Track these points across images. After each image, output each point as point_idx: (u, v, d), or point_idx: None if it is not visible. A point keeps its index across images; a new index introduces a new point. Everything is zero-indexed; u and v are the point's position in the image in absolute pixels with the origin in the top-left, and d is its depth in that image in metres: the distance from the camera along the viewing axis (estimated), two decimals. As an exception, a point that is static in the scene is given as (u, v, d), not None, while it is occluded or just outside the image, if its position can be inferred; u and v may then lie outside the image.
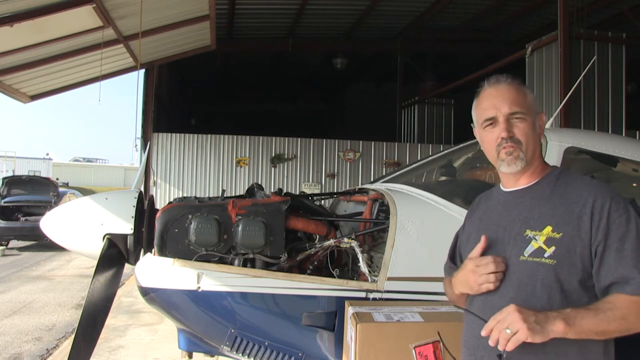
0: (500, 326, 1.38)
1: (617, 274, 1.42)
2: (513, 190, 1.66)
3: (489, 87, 1.66)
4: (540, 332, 1.36)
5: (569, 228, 1.48)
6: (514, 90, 1.62)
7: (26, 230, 12.42)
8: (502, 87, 1.63)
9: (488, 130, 1.64)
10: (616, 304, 1.39)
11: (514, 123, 1.59)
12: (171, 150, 11.08)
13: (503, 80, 1.65)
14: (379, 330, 2.13)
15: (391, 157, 11.85)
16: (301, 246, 2.84)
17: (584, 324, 1.37)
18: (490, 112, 1.62)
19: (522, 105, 1.60)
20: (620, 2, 9.10)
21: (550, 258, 1.48)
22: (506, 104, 1.60)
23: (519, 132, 1.59)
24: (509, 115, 1.59)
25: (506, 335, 1.37)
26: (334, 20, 11.48)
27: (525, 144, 1.59)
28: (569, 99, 4.73)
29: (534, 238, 1.52)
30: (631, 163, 2.87)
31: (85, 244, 2.87)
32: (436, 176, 3.99)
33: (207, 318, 2.68)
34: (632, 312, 1.38)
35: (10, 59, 7.15)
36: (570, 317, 1.37)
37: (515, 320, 1.36)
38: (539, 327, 1.35)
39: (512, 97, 1.60)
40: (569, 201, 1.52)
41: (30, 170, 32.50)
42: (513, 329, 1.36)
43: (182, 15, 8.15)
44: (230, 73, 15.62)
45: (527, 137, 1.59)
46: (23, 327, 6.28)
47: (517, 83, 1.65)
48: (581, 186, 1.54)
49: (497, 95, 1.62)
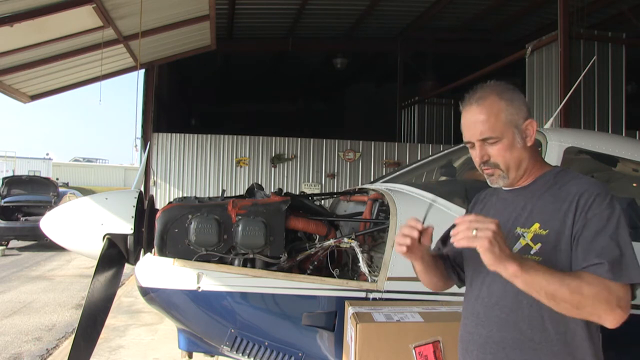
0: (473, 224, 1.34)
1: (583, 263, 1.40)
2: (511, 189, 1.67)
3: (463, 109, 1.62)
4: (495, 257, 1.32)
5: (555, 224, 1.49)
6: (485, 111, 1.55)
7: (26, 230, 12.42)
8: (472, 111, 1.58)
9: (471, 150, 1.63)
10: (580, 276, 1.36)
11: (487, 147, 1.57)
12: (171, 150, 11.08)
13: (474, 101, 1.58)
14: (379, 330, 2.13)
15: (391, 157, 11.84)
16: (301, 246, 2.84)
17: (537, 276, 1.34)
18: (466, 136, 1.62)
19: (493, 128, 1.54)
20: (620, 2, 9.10)
21: (537, 255, 1.48)
22: (477, 131, 1.56)
23: (494, 155, 1.57)
24: (481, 141, 1.57)
25: (468, 233, 1.34)
26: (334, 20, 11.48)
27: (504, 164, 1.57)
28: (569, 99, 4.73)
29: (522, 235, 1.53)
30: (631, 163, 2.87)
31: (85, 244, 2.87)
32: (436, 176, 3.99)
33: (207, 318, 2.68)
34: (590, 288, 1.34)
35: (10, 59, 7.15)
36: (528, 264, 1.35)
37: (487, 229, 1.32)
38: (498, 252, 1.31)
39: (482, 122, 1.55)
40: (559, 199, 1.52)
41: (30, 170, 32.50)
42: (480, 232, 1.32)
43: (182, 15, 8.15)
44: (230, 73, 15.62)
45: (503, 158, 1.57)
46: (23, 327, 6.28)
47: (492, 99, 1.56)
48: (574, 184, 1.54)
49: (469, 119, 1.59)
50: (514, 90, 1.62)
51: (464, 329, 1.66)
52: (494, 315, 1.54)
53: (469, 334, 1.61)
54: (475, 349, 1.58)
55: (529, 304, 1.48)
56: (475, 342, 1.58)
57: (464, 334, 1.66)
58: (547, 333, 1.47)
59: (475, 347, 1.58)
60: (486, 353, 1.55)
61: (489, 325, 1.55)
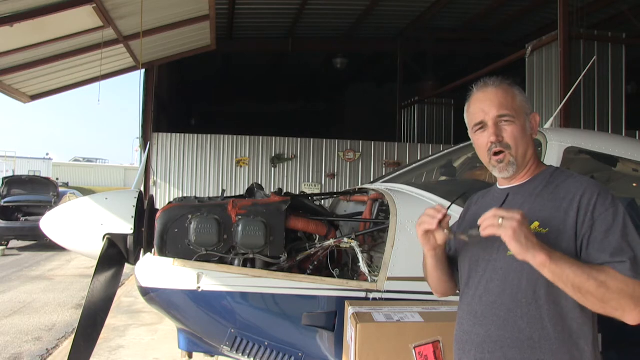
0: (499, 212, 1.39)
1: (600, 260, 1.41)
2: (506, 187, 1.68)
3: (477, 92, 1.66)
4: (521, 246, 1.36)
5: (555, 223, 1.49)
6: (502, 92, 1.61)
7: (26, 230, 12.42)
8: (489, 91, 1.63)
9: (479, 134, 1.65)
10: (605, 270, 1.38)
11: (502, 127, 1.60)
12: (171, 150, 11.08)
13: (491, 83, 1.64)
14: (379, 330, 2.13)
15: (391, 157, 11.84)
16: (301, 246, 2.84)
17: (566, 267, 1.37)
18: (479, 117, 1.63)
19: (510, 107, 1.59)
20: (620, 2, 9.10)
21: None
22: (494, 108, 1.60)
23: (507, 135, 1.59)
24: (497, 118, 1.59)
25: (494, 222, 1.38)
26: (334, 20, 11.48)
27: (515, 147, 1.59)
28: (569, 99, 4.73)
29: None
30: (631, 163, 2.87)
31: (85, 244, 2.87)
32: (436, 176, 3.99)
33: (207, 318, 2.68)
34: (615, 285, 1.36)
35: (10, 59, 7.15)
36: (556, 256, 1.37)
37: (514, 219, 1.36)
38: (524, 241, 1.36)
39: (499, 100, 1.60)
40: (558, 197, 1.53)
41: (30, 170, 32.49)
42: (506, 223, 1.36)
43: (182, 15, 8.15)
44: (230, 73, 15.62)
45: (516, 140, 1.59)
46: (23, 327, 6.28)
47: (506, 85, 1.64)
48: (571, 183, 1.55)
49: (485, 99, 1.63)
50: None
51: (460, 328, 1.65)
52: (493, 314, 1.54)
53: (466, 333, 1.61)
54: (473, 349, 1.58)
55: (528, 302, 1.49)
56: (473, 342, 1.58)
57: (460, 334, 1.65)
58: (546, 331, 1.47)
59: (472, 346, 1.58)
60: (484, 352, 1.54)
61: (487, 325, 1.55)
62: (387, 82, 14.91)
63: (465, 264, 1.70)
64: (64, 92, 9.70)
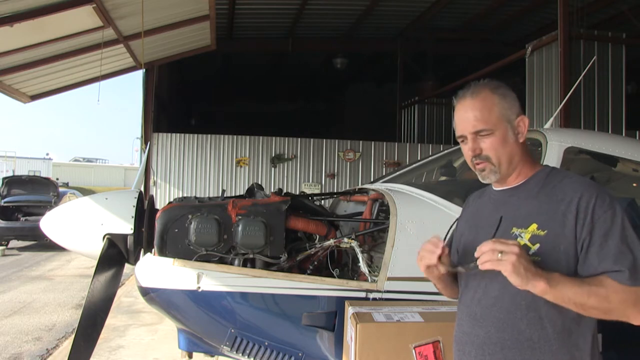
0: (496, 247, 1.39)
1: (599, 269, 1.43)
2: (502, 189, 1.68)
3: (457, 103, 1.65)
4: (520, 278, 1.37)
5: (554, 225, 1.49)
6: (479, 105, 1.58)
7: (26, 230, 12.42)
8: (466, 104, 1.61)
9: (462, 145, 1.66)
10: (603, 283, 1.40)
11: (480, 140, 1.59)
12: (171, 150, 11.07)
13: (469, 94, 1.62)
14: (379, 330, 2.13)
15: (391, 157, 11.84)
16: (301, 246, 2.84)
17: (565, 290, 1.39)
18: (459, 130, 1.64)
19: (486, 120, 1.57)
20: (620, 2, 9.10)
21: (535, 255, 1.49)
22: (470, 124, 1.59)
23: (486, 147, 1.59)
24: (473, 134, 1.59)
25: (493, 257, 1.38)
26: (334, 20, 11.47)
27: (495, 158, 1.58)
28: (569, 99, 4.73)
29: (519, 235, 1.53)
30: (631, 163, 2.87)
31: (85, 244, 2.87)
32: (436, 176, 3.99)
33: (207, 318, 2.68)
34: (617, 297, 1.39)
35: (10, 59, 7.15)
36: (554, 279, 1.39)
37: (512, 252, 1.37)
38: (523, 273, 1.37)
39: (475, 114, 1.58)
40: (556, 199, 1.52)
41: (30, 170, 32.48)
42: (505, 256, 1.37)
43: (182, 15, 8.14)
44: (230, 73, 15.62)
45: (496, 151, 1.58)
46: (23, 327, 6.28)
47: (485, 93, 1.60)
48: (568, 184, 1.54)
49: (462, 112, 1.62)
50: (506, 87, 1.64)
51: (460, 329, 1.66)
52: (492, 316, 1.54)
53: (466, 334, 1.61)
54: (473, 350, 1.58)
55: (527, 304, 1.49)
56: (473, 343, 1.58)
57: (459, 335, 1.66)
58: (545, 332, 1.47)
59: (472, 347, 1.58)
60: (485, 354, 1.55)
61: (487, 326, 1.55)
62: (387, 82, 14.90)
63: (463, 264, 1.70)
64: (64, 92, 9.70)
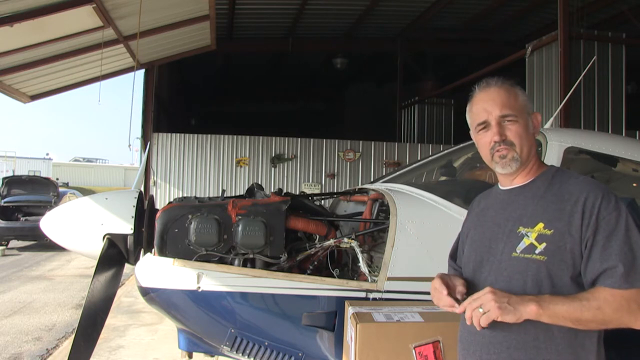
0: (474, 304, 1.45)
1: (601, 269, 1.43)
2: (509, 188, 1.68)
3: (480, 91, 1.68)
4: (512, 312, 1.41)
5: (560, 225, 1.50)
6: (505, 92, 1.63)
7: (26, 230, 12.42)
8: (492, 91, 1.65)
9: (482, 134, 1.66)
10: (595, 294, 1.41)
11: (506, 126, 1.61)
12: (171, 150, 11.08)
13: (493, 83, 1.66)
14: (379, 330, 2.13)
15: (391, 157, 11.84)
16: (301, 246, 2.84)
17: (557, 309, 1.40)
18: (482, 116, 1.64)
19: (513, 107, 1.62)
20: (620, 2, 9.10)
21: (541, 254, 1.50)
22: (497, 107, 1.62)
23: (511, 134, 1.61)
24: (500, 118, 1.61)
25: (478, 314, 1.44)
26: (334, 20, 11.48)
27: (519, 145, 1.61)
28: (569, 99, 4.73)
29: (526, 235, 1.54)
30: (631, 163, 2.87)
31: (85, 244, 2.87)
32: (436, 176, 3.99)
33: (207, 318, 2.68)
34: (609, 305, 1.39)
35: (10, 59, 7.15)
36: (545, 301, 1.41)
37: (488, 300, 1.43)
38: (511, 307, 1.41)
39: (502, 99, 1.62)
40: (562, 199, 1.53)
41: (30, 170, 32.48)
42: (485, 308, 1.43)
43: (182, 15, 8.15)
44: (230, 73, 15.62)
45: (520, 139, 1.61)
46: (23, 327, 6.28)
47: (509, 85, 1.66)
48: (574, 184, 1.55)
49: (487, 99, 1.65)
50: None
51: (465, 328, 1.66)
52: None
53: (471, 334, 1.61)
54: (479, 349, 1.58)
55: None
56: (478, 343, 1.58)
57: (465, 334, 1.66)
58: (550, 332, 1.47)
59: (478, 347, 1.58)
60: (490, 353, 1.55)
61: (493, 326, 1.55)
62: (387, 82, 14.90)
63: (470, 265, 1.70)
64: (64, 92, 9.71)
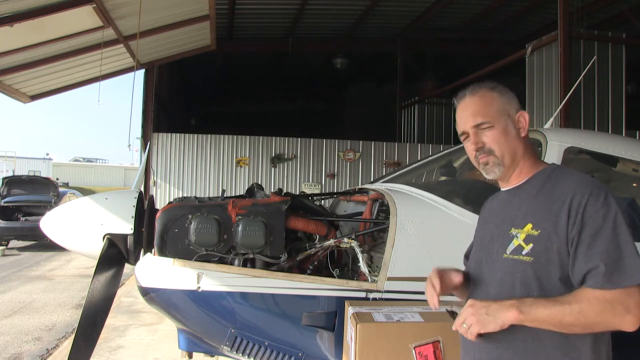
0: (459, 320, 1.48)
1: (586, 269, 1.40)
2: (507, 189, 1.69)
3: (457, 103, 1.71)
4: (492, 322, 1.42)
5: (547, 225, 1.48)
6: (478, 100, 1.65)
7: (26, 230, 12.43)
8: (466, 101, 1.67)
9: (465, 143, 1.70)
10: (577, 297, 1.39)
11: (482, 133, 1.63)
12: (171, 150, 11.08)
13: (467, 93, 1.68)
14: (379, 330, 2.13)
15: (391, 157, 11.84)
16: (301, 246, 2.84)
17: (538, 313, 1.39)
18: (460, 127, 1.69)
19: (485, 114, 1.62)
20: (620, 2, 9.10)
21: (528, 255, 1.49)
22: (470, 118, 1.64)
23: (488, 141, 1.62)
24: (474, 128, 1.63)
25: (464, 329, 1.47)
26: (334, 20, 11.47)
27: (499, 151, 1.61)
28: (569, 99, 4.73)
29: (515, 236, 1.54)
30: (631, 163, 2.87)
31: (85, 244, 2.87)
32: (436, 176, 3.99)
33: (207, 318, 2.68)
34: (592, 307, 1.36)
35: (10, 59, 7.15)
36: (526, 305, 1.41)
37: (468, 314, 1.46)
38: (491, 317, 1.42)
39: (474, 109, 1.64)
40: (552, 199, 1.52)
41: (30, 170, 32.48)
42: (467, 323, 1.45)
43: (182, 15, 8.14)
44: (230, 73, 15.61)
45: (498, 144, 1.61)
46: (23, 327, 6.28)
47: (485, 89, 1.66)
48: (565, 183, 1.53)
49: (463, 109, 1.68)
50: (504, 87, 1.70)
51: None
52: None
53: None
54: (473, 349, 1.60)
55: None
56: (473, 343, 1.57)
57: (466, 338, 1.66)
58: (537, 334, 1.46)
59: (472, 346, 1.59)
60: (482, 353, 1.57)
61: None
62: (387, 82, 14.89)
63: (472, 266, 1.72)
64: (64, 92, 9.71)
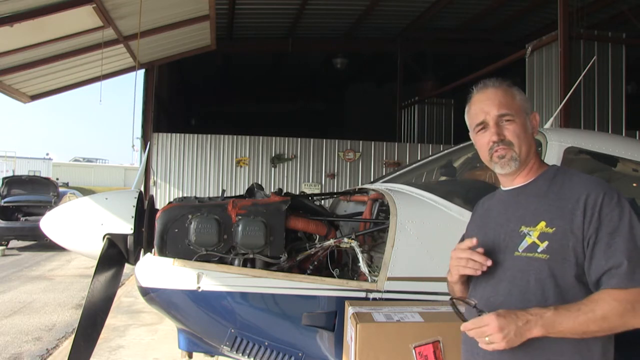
0: (480, 333, 1.42)
1: (605, 267, 1.42)
2: (510, 189, 1.68)
3: (477, 93, 1.69)
4: (518, 337, 1.40)
5: (562, 223, 1.49)
6: (502, 92, 1.64)
7: (26, 230, 12.43)
8: (489, 91, 1.66)
9: (480, 134, 1.67)
10: (599, 303, 1.39)
11: (503, 125, 1.62)
12: (171, 150, 11.08)
13: (490, 84, 1.67)
14: (379, 330, 2.13)
15: (391, 157, 11.84)
16: (301, 246, 2.84)
17: (563, 327, 1.39)
18: (480, 117, 1.65)
19: (510, 107, 1.62)
20: (620, 2, 9.10)
21: (543, 253, 1.49)
22: (494, 107, 1.62)
23: (509, 134, 1.61)
24: (498, 117, 1.62)
25: (484, 342, 1.42)
26: (334, 20, 11.48)
27: (518, 145, 1.61)
28: (569, 99, 4.73)
29: (528, 234, 1.54)
30: (631, 163, 2.87)
31: (85, 244, 2.87)
32: (436, 176, 3.99)
33: (207, 318, 2.68)
34: (614, 311, 1.37)
35: (10, 59, 7.15)
36: (550, 322, 1.39)
37: (494, 332, 1.39)
38: (517, 338, 1.39)
39: (499, 99, 1.63)
40: (564, 197, 1.53)
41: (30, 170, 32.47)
42: (491, 340, 1.40)
43: (182, 15, 8.15)
44: (230, 73, 15.62)
45: (518, 138, 1.61)
46: (23, 327, 6.28)
47: (506, 85, 1.67)
48: (576, 182, 1.55)
49: (485, 99, 1.65)
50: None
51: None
52: None
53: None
54: (482, 349, 1.54)
55: (537, 302, 1.48)
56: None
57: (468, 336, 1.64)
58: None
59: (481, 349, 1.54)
60: (493, 353, 1.52)
61: None
62: (387, 82, 14.90)
63: None
64: (64, 92, 9.71)
